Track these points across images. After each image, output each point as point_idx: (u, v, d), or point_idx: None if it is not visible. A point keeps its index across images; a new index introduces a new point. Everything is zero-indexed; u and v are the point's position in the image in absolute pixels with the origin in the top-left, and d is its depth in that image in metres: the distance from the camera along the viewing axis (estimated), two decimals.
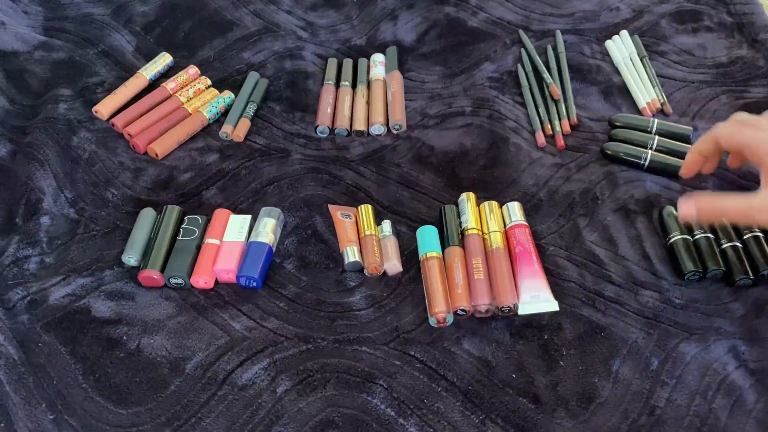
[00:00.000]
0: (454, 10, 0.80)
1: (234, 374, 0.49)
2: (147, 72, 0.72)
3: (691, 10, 0.79)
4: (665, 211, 0.58)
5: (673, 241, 0.55)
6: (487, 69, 0.73)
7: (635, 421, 0.46)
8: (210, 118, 0.68)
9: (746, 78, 0.71)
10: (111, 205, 0.61)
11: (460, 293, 0.52)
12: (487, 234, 0.56)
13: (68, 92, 0.71)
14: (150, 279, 0.54)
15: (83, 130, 0.67)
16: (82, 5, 0.82)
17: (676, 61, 0.73)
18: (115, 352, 0.51)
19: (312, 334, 0.52)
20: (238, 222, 0.58)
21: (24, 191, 0.61)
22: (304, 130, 0.68)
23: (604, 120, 0.67)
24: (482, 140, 0.66)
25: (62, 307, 0.53)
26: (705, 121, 0.67)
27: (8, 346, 0.51)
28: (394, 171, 0.64)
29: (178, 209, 0.59)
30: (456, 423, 0.46)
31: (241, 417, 0.47)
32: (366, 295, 0.54)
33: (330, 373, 0.49)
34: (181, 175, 0.64)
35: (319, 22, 0.81)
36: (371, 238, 0.56)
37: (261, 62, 0.75)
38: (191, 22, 0.80)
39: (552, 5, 0.81)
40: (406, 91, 0.72)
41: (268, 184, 0.63)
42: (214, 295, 0.55)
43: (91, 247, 0.58)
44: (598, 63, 0.74)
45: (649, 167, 0.62)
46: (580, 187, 0.61)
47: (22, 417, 0.47)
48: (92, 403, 0.48)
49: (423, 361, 0.50)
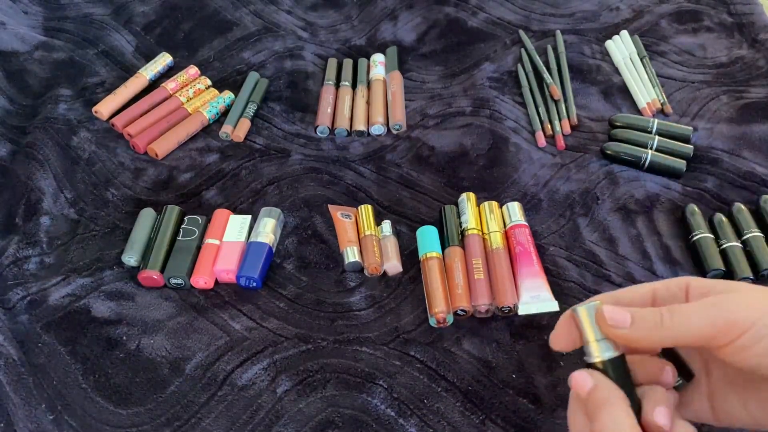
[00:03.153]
0: (454, 10, 0.80)
1: (234, 374, 0.49)
2: (147, 72, 0.72)
3: (691, 10, 0.79)
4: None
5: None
6: (487, 69, 0.73)
7: None
8: (210, 118, 0.68)
9: (746, 78, 0.71)
10: (111, 205, 0.61)
11: (460, 293, 0.52)
12: (487, 234, 0.56)
13: (68, 92, 0.71)
14: (150, 279, 0.54)
15: (83, 130, 0.67)
16: (82, 5, 0.82)
17: (676, 61, 0.73)
18: (115, 353, 0.51)
19: (312, 334, 0.52)
20: (238, 222, 0.58)
21: (24, 191, 0.61)
22: (304, 130, 0.68)
23: (604, 120, 0.67)
24: (482, 140, 0.66)
25: (62, 307, 0.53)
26: (705, 121, 0.67)
27: (8, 346, 0.51)
28: (394, 171, 0.64)
29: (178, 209, 0.59)
30: (456, 423, 0.46)
31: (241, 417, 0.47)
32: (366, 296, 0.54)
33: (330, 373, 0.49)
34: (181, 176, 0.64)
35: (319, 22, 0.81)
36: (371, 238, 0.56)
37: (261, 62, 0.75)
38: (191, 22, 0.80)
39: (552, 5, 0.81)
40: (406, 91, 0.72)
41: (268, 184, 0.63)
42: (214, 296, 0.55)
43: (91, 247, 0.58)
44: (598, 63, 0.74)
45: (649, 167, 0.62)
46: (580, 187, 0.61)
47: (22, 417, 0.47)
48: (92, 404, 0.48)
49: (423, 361, 0.50)
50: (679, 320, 0.31)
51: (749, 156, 0.63)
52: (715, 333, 0.30)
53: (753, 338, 0.29)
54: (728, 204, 0.59)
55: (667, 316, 0.31)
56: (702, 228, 0.56)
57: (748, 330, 0.29)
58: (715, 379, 0.35)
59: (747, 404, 0.33)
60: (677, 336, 0.31)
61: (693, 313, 0.30)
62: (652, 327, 0.31)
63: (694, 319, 0.30)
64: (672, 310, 0.31)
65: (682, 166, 0.61)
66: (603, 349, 0.32)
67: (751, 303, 0.30)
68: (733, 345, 0.30)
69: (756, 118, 0.66)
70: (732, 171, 0.62)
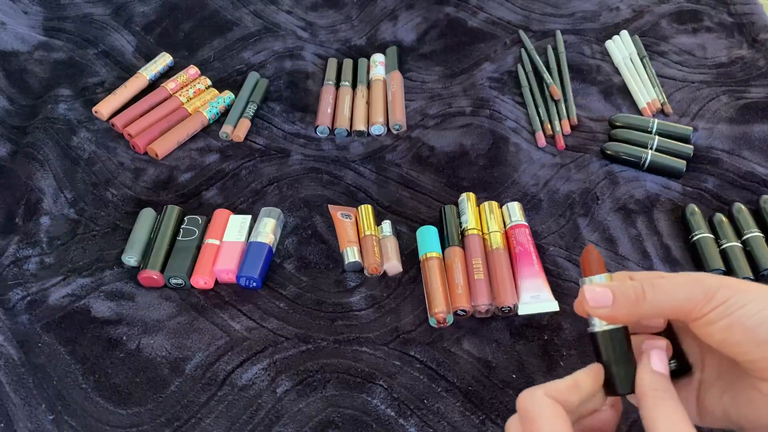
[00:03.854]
0: (454, 10, 0.80)
1: (234, 374, 0.49)
2: (147, 72, 0.72)
3: (691, 10, 0.79)
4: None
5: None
6: (487, 69, 0.73)
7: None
8: (210, 118, 0.68)
9: (746, 78, 0.71)
10: (111, 205, 0.61)
11: (460, 293, 0.52)
12: (487, 234, 0.56)
13: (68, 92, 0.71)
14: (150, 279, 0.54)
15: (83, 130, 0.67)
16: (82, 5, 0.82)
17: (676, 61, 0.73)
18: (115, 353, 0.51)
19: (312, 334, 0.52)
20: (238, 222, 0.58)
21: (24, 191, 0.61)
22: (304, 130, 0.68)
23: (604, 120, 0.67)
24: (482, 140, 0.66)
25: (62, 307, 0.53)
26: (705, 121, 0.67)
27: (8, 346, 0.51)
28: (394, 171, 0.64)
29: (178, 209, 0.59)
30: (456, 423, 0.46)
31: (241, 417, 0.47)
32: (366, 296, 0.54)
33: (330, 373, 0.49)
34: (181, 176, 0.64)
35: (319, 22, 0.81)
36: (371, 238, 0.56)
37: (261, 62, 0.75)
38: (191, 22, 0.80)
39: (552, 5, 0.81)
40: (406, 91, 0.72)
41: (268, 184, 0.63)
42: (214, 296, 0.55)
43: (91, 248, 0.58)
44: (598, 63, 0.74)
45: (649, 167, 0.62)
46: (580, 187, 0.61)
47: (22, 417, 0.47)
48: (92, 404, 0.48)
49: (423, 361, 0.50)
50: (660, 294, 0.32)
51: (749, 156, 0.63)
52: (692, 306, 0.31)
53: (721, 313, 0.30)
54: (728, 204, 0.59)
55: (649, 291, 0.32)
56: (702, 228, 0.56)
57: (720, 305, 0.30)
58: (707, 373, 0.35)
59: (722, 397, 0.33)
60: (659, 308, 0.32)
61: (674, 287, 0.32)
62: (633, 303, 0.32)
63: (675, 292, 0.31)
64: (654, 284, 0.32)
65: (682, 166, 0.61)
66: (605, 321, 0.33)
67: (733, 283, 0.31)
68: (704, 318, 0.31)
69: (756, 118, 0.66)
70: (732, 171, 0.62)
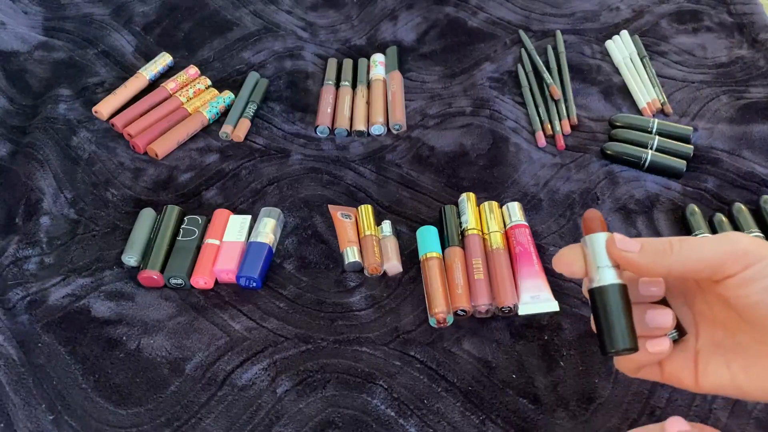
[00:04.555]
0: (454, 10, 0.80)
1: (234, 374, 0.49)
2: (147, 72, 0.72)
3: (692, 10, 0.79)
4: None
5: None
6: (487, 69, 0.73)
7: (635, 422, 0.46)
8: (210, 118, 0.68)
9: (746, 78, 0.71)
10: (111, 205, 0.61)
11: (460, 293, 0.52)
12: (487, 234, 0.56)
13: (68, 92, 0.71)
14: (150, 279, 0.54)
15: (83, 130, 0.67)
16: (82, 5, 0.82)
17: (677, 61, 0.73)
18: (115, 353, 0.51)
19: (312, 334, 0.52)
20: (238, 222, 0.58)
21: (24, 191, 0.61)
22: (304, 130, 0.68)
23: (604, 120, 0.67)
24: (482, 140, 0.66)
25: (62, 307, 0.53)
26: (705, 121, 0.67)
27: (8, 346, 0.51)
28: (394, 171, 0.64)
29: (178, 209, 0.59)
30: (456, 423, 0.46)
31: (241, 417, 0.47)
32: (366, 296, 0.54)
33: (330, 373, 0.49)
34: (181, 175, 0.64)
35: (319, 22, 0.81)
36: (371, 238, 0.56)
37: (261, 62, 0.75)
38: (191, 22, 0.80)
39: (552, 5, 0.81)
40: (406, 91, 0.72)
41: (268, 184, 0.63)
42: (214, 296, 0.55)
43: (91, 248, 0.58)
44: (598, 63, 0.74)
45: (649, 167, 0.62)
46: (580, 187, 0.61)
47: (22, 418, 0.47)
48: (92, 404, 0.48)
49: (423, 361, 0.50)
50: (688, 249, 0.31)
51: (749, 156, 0.63)
52: (725, 261, 0.30)
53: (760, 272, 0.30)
54: (728, 204, 0.59)
55: (676, 245, 0.32)
56: (702, 228, 0.56)
57: (757, 262, 0.30)
58: (702, 340, 0.35)
59: (731, 366, 0.33)
60: (686, 262, 0.31)
61: (703, 242, 0.31)
62: (661, 253, 0.32)
63: (706, 247, 0.31)
64: (683, 240, 0.32)
65: (682, 166, 0.61)
66: (608, 275, 0.33)
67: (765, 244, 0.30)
68: (739, 276, 0.30)
69: (756, 118, 0.66)
70: (732, 171, 0.62)
